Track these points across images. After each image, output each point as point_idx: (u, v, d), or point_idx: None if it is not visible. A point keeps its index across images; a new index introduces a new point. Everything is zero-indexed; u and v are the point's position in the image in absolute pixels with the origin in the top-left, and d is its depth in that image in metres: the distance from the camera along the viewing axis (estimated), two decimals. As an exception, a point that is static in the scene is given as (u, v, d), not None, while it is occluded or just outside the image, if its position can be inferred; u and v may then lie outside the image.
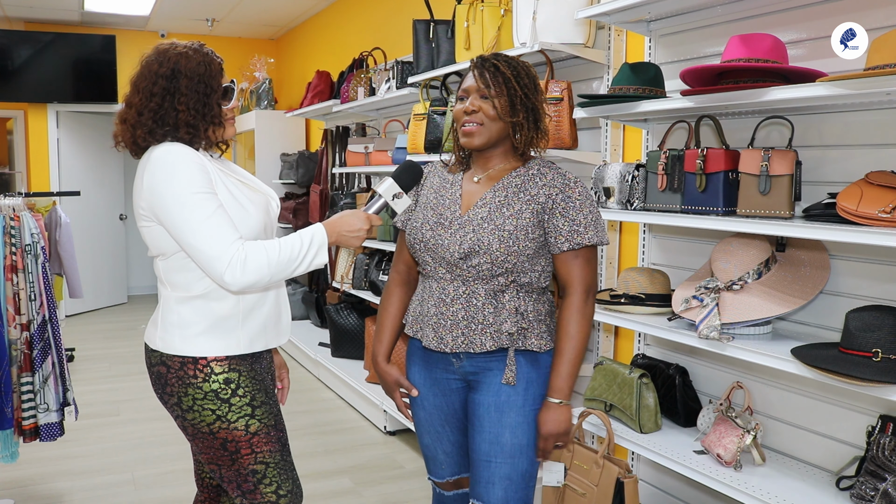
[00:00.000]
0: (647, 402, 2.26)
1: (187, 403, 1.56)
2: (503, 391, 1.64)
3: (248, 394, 1.58)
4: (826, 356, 1.67)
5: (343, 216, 1.61)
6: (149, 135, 1.54)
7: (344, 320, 4.55)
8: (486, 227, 1.60)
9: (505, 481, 1.64)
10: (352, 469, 3.30)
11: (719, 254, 2.04)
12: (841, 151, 1.91)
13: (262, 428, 1.59)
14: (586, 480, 2.27)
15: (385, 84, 3.95)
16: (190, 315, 1.56)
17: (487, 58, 1.64)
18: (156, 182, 1.49)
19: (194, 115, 1.54)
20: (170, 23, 6.70)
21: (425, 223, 1.68)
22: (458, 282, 1.63)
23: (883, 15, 1.79)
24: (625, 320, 2.21)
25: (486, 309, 1.62)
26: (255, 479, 1.59)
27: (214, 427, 1.56)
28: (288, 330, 1.74)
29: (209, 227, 1.46)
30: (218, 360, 1.56)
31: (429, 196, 1.73)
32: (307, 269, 1.56)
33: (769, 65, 1.78)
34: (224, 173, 1.59)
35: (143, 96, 1.54)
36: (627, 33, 2.62)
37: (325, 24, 6.07)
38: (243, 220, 1.55)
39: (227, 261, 1.45)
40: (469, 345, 1.63)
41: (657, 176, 2.09)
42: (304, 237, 1.54)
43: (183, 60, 1.54)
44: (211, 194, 1.49)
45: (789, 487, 1.89)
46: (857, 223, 1.59)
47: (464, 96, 1.65)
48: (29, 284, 2.72)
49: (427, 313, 1.68)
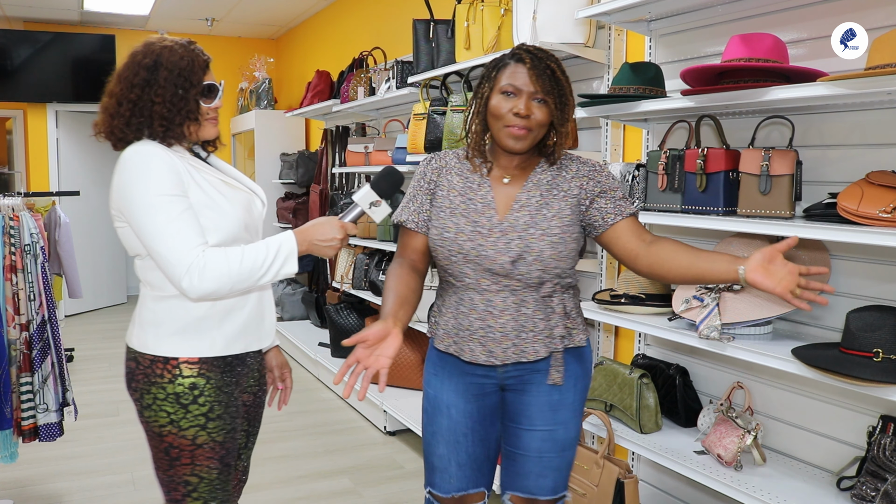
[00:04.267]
0: (648, 402, 2.26)
1: (147, 401, 1.53)
2: (555, 390, 1.63)
3: (208, 404, 1.53)
4: (827, 356, 1.67)
5: (316, 224, 1.56)
6: (125, 126, 1.51)
7: (344, 320, 4.55)
8: (532, 233, 1.54)
9: (555, 472, 1.66)
10: (352, 469, 3.30)
11: (720, 254, 2.04)
12: (841, 151, 1.91)
13: (208, 442, 1.54)
14: (586, 480, 2.26)
15: (385, 84, 3.95)
16: (165, 314, 1.53)
17: (542, 56, 1.53)
18: (123, 183, 1.47)
19: (169, 109, 1.50)
20: (169, 22, 6.70)
21: (460, 232, 1.57)
22: (506, 292, 1.56)
23: (883, 15, 1.79)
24: (625, 320, 2.20)
25: (536, 316, 1.57)
26: (186, 489, 1.55)
27: (165, 430, 1.52)
28: (271, 333, 1.69)
29: (170, 231, 1.42)
30: (189, 363, 1.52)
31: (454, 200, 1.61)
32: (275, 279, 1.50)
33: (770, 64, 1.77)
34: (201, 172, 1.54)
35: (124, 86, 1.52)
36: (628, 33, 2.62)
37: (324, 23, 6.06)
38: (218, 221, 1.51)
39: (186, 267, 1.41)
40: (521, 354, 1.58)
41: (657, 176, 2.09)
42: (270, 245, 1.49)
43: (166, 53, 1.52)
44: (177, 197, 1.45)
45: (790, 488, 1.88)
46: (858, 223, 1.59)
47: (512, 92, 1.53)
48: (28, 284, 2.72)
49: (470, 328, 1.59)
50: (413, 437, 3.66)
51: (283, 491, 3.06)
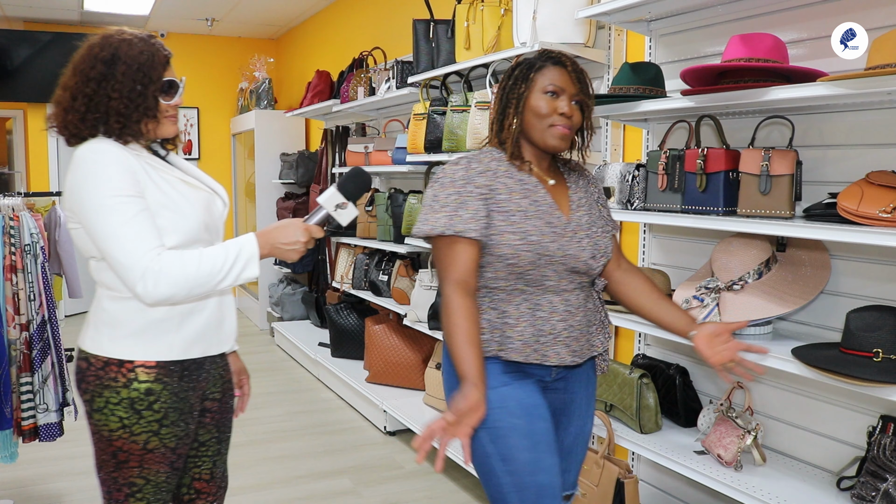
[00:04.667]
0: (648, 402, 2.26)
1: (98, 404, 1.47)
2: (591, 384, 1.70)
3: (163, 410, 1.48)
4: (827, 356, 1.67)
5: (280, 226, 1.50)
6: (80, 122, 1.45)
7: (344, 320, 4.55)
8: (595, 231, 1.62)
9: (579, 465, 1.71)
10: (352, 469, 3.30)
11: (720, 254, 2.04)
12: (841, 151, 1.91)
13: (160, 447, 1.49)
14: (587, 480, 2.27)
15: (385, 84, 3.95)
16: (121, 315, 1.47)
17: (574, 60, 1.59)
18: (76, 182, 1.41)
19: (127, 105, 1.44)
20: (169, 22, 6.70)
21: (544, 235, 1.51)
22: (579, 290, 1.60)
23: (883, 15, 1.79)
24: (625, 320, 2.20)
25: (596, 309, 1.65)
26: (130, 490, 1.50)
27: (115, 435, 1.47)
28: (231, 337, 1.63)
29: (125, 234, 1.36)
30: (146, 367, 1.46)
31: (519, 202, 1.53)
32: (235, 284, 1.45)
33: (770, 64, 1.77)
34: (159, 171, 1.48)
35: (80, 80, 1.45)
36: (628, 33, 2.62)
37: (324, 23, 6.06)
38: (177, 222, 1.46)
39: (141, 272, 1.35)
40: (592, 349, 1.64)
41: (657, 176, 2.09)
42: (230, 249, 1.43)
43: (125, 46, 1.45)
44: (132, 198, 1.39)
45: (790, 488, 1.89)
46: (858, 223, 1.59)
47: (556, 92, 1.54)
48: (28, 284, 2.72)
49: (552, 331, 1.54)
50: (413, 437, 3.66)
51: (283, 491, 3.06)
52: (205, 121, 7.20)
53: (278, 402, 4.30)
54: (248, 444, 3.59)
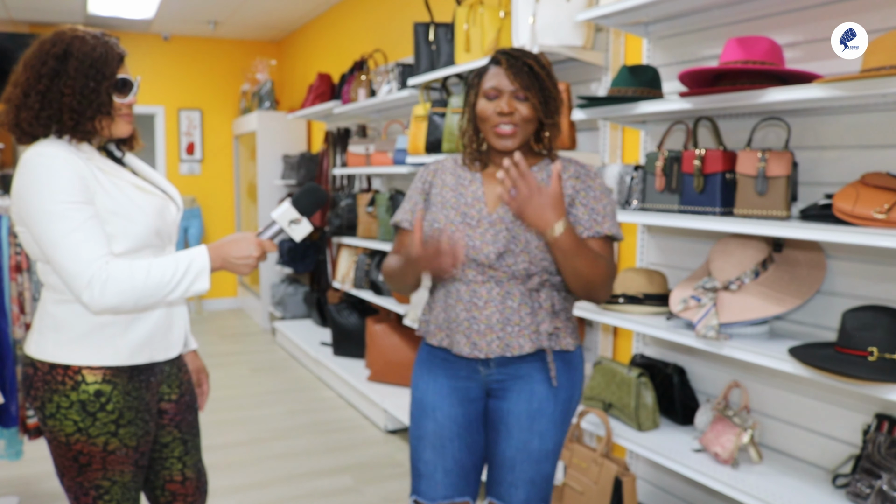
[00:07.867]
0: (646, 400, 2.28)
1: (50, 410, 1.44)
2: (535, 398, 1.59)
3: (118, 410, 1.46)
4: (822, 355, 1.69)
5: (232, 240, 1.49)
6: (34, 119, 1.42)
7: (345, 320, 4.57)
8: (520, 225, 1.56)
9: (528, 484, 1.62)
10: (352, 467, 3.32)
11: (717, 254, 2.06)
12: (837, 153, 1.93)
13: (120, 448, 1.47)
14: (585, 479, 2.28)
15: (385, 86, 3.97)
16: (66, 318, 1.45)
17: (518, 55, 1.56)
18: (23, 187, 1.37)
19: (80, 101, 1.41)
20: (173, 25, 6.73)
21: (449, 223, 1.60)
22: (492, 283, 1.57)
23: (878, 18, 1.81)
24: (623, 320, 2.22)
25: (522, 310, 1.57)
26: (97, 493, 1.48)
27: (72, 439, 1.44)
28: (179, 343, 1.60)
29: (71, 241, 1.34)
30: (92, 369, 1.44)
31: (446, 195, 1.65)
32: (184, 296, 1.43)
33: (766, 67, 1.79)
34: (110, 176, 1.45)
35: (32, 76, 1.42)
36: (626, 36, 2.64)
37: (326, 26, 6.09)
38: (127, 227, 1.43)
39: (87, 280, 1.33)
40: (505, 349, 1.57)
41: (655, 177, 2.11)
42: (180, 262, 1.41)
43: (77, 42, 1.43)
44: (80, 204, 1.36)
45: (786, 485, 1.90)
46: (853, 224, 1.61)
47: (494, 95, 1.56)
48: (33, 284, 2.74)
49: (456, 319, 1.60)
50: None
51: (284, 489, 3.08)
52: (207, 122, 7.24)
53: (280, 400, 4.32)
54: (250, 442, 3.62)
